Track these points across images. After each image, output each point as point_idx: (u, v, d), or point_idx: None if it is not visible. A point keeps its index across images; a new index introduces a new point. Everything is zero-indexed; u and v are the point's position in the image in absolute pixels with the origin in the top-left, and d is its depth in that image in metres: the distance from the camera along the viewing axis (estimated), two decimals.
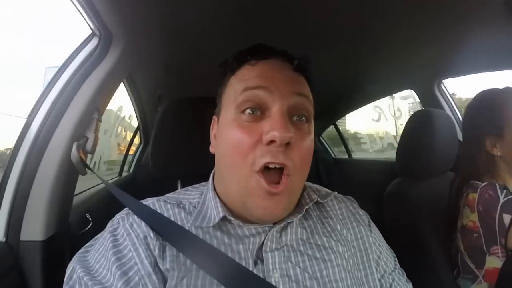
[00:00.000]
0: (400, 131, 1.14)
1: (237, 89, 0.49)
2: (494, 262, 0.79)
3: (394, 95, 1.98)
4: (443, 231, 0.93)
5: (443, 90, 1.44)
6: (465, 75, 1.31)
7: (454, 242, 0.90)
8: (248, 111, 0.47)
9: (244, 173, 0.46)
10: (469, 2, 0.79)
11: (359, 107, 2.18)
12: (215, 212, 0.50)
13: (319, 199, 0.57)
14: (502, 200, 0.79)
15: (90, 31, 0.80)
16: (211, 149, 0.57)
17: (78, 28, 0.80)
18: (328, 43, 1.13)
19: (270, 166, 0.45)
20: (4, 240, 0.71)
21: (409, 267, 0.64)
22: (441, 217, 0.94)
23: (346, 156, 2.76)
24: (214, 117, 0.58)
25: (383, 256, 0.58)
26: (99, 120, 0.86)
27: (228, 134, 0.48)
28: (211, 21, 0.95)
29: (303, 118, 0.50)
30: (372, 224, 0.62)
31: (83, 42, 0.80)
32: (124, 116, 1.76)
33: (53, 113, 0.76)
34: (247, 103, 0.47)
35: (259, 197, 0.45)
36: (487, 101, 0.91)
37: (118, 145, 1.99)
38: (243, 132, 0.46)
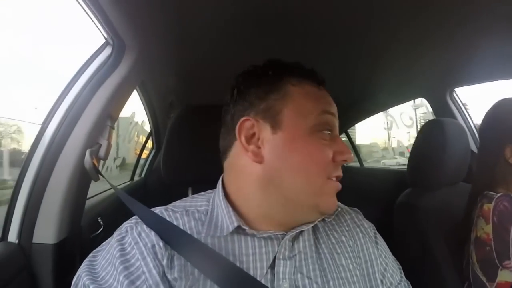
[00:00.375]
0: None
1: (312, 107, 0.52)
2: (506, 276, 0.77)
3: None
4: (454, 242, 0.91)
5: (455, 98, 1.41)
6: (478, 83, 1.29)
7: (466, 254, 0.87)
8: (326, 132, 0.52)
9: (320, 181, 0.50)
10: (481, 9, 0.78)
11: (370, 116, 2.17)
12: (228, 221, 0.50)
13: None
14: None
15: (104, 40, 0.82)
16: (256, 159, 0.51)
17: (91, 36, 0.82)
18: (338, 52, 1.14)
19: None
20: (16, 241, 0.73)
21: (417, 278, 0.63)
22: (452, 228, 0.92)
23: (358, 165, 2.73)
24: (247, 118, 0.52)
25: (389, 268, 0.58)
26: (112, 128, 0.88)
27: (305, 148, 0.50)
28: (222, 30, 0.96)
29: None
30: (378, 235, 0.62)
31: (96, 51, 0.83)
32: (137, 122, 1.80)
33: (67, 120, 0.78)
34: (327, 125, 0.52)
35: (331, 196, 0.52)
36: (507, 109, 0.89)
37: (135, 149, 2.03)
38: (325, 150, 0.51)
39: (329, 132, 0.52)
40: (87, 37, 0.87)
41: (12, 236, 0.73)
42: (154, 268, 0.44)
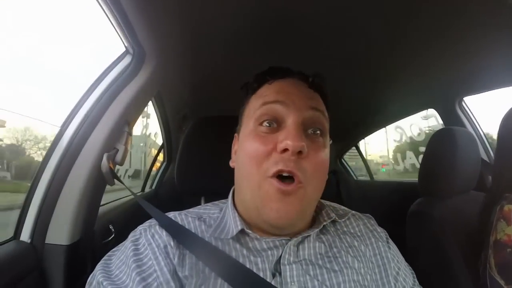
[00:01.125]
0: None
1: (255, 105, 0.54)
2: None
3: None
4: (467, 249, 0.90)
5: (464, 107, 1.42)
6: (488, 91, 1.29)
7: (482, 259, 0.85)
8: (265, 123, 0.51)
9: (257, 179, 0.49)
10: (489, 16, 0.80)
11: (380, 128, 2.17)
12: (234, 225, 0.52)
13: (336, 218, 0.59)
14: None
15: (124, 49, 0.85)
16: (231, 164, 0.60)
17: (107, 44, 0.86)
18: (347, 64, 1.16)
19: (284, 174, 0.47)
20: (29, 241, 0.73)
21: (431, 285, 0.63)
22: (465, 235, 0.91)
23: (368, 178, 2.71)
24: (236, 134, 0.62)
25: (401, 272, 0.58)
26: (130, 134, 0.90)
27: (246, 145, 0.52)
28: (238, 43, 1.00)
29: (318, 131, 0.53)
30: (390, 240, 0.62)
31: (116, 59, 0.86)
32: (150, 134, 1.83)
33: (86, 123, 0.80)
34: (265, 116, 0.51)
35: (271, 200, 0.47)
36: None
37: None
38: (260, 142, 0.50)
39: (274, 123, 0.51)
40: (105, 45, 0.91)
41: (25, 236, 0.74)
42: (165, 266, 0.46)
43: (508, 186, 0.86)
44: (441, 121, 1.51)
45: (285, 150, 0.47)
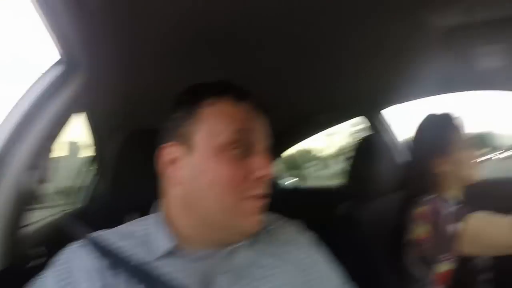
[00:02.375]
0: None
1: (224, 126, 0.53)
2: (445, 267, 0.87)
3: None
4: (390, 248, 0.99)
5: (382, 117, 1.57)
6: (405, 102, 1.48)
7: (403, 256, 0.96)
8: (238, 150, 0.52)
9: (232, 201, 0.51)
10: (409, 36, 0.88)
11: (309, 136, 2.21)
12: (163, 242, 0.53)
13: (267, 225, 0.61)
14: (449, 210, 0.88)
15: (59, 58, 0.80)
16: (173, 181, 0.56)
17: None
18: (276, 72, 1.17)
19: None
20: None
21: (359, 285, 0.68)
22: (388, 236, 1.00)
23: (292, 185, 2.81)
24: (171, 143, 0.56)
25: (330, 274, 0.62)
26: (53, 150, 0.84)
27: (214, 168, 0.51)
28: (173, 56, 0.99)
29: None
30: (319, 244, 0.66)
31: (48, 69, 0.80)
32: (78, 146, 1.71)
33: (8, 141, 0.73)
34: (239, 142, 0.52)
35: (251, 215, 0.52)
36: (434, 123, 1.03)
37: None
38: (234, 168, 0.51)
39: (240, 149, 0.53)
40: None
41: None
42: None
43: (417, 190, 0.99)
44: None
45: (262, 177, 0.52)
